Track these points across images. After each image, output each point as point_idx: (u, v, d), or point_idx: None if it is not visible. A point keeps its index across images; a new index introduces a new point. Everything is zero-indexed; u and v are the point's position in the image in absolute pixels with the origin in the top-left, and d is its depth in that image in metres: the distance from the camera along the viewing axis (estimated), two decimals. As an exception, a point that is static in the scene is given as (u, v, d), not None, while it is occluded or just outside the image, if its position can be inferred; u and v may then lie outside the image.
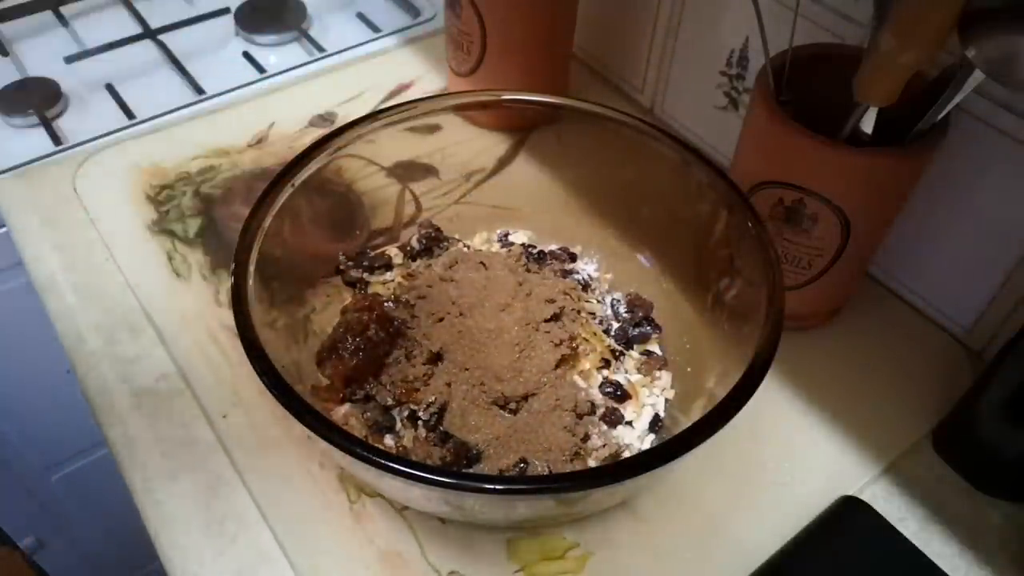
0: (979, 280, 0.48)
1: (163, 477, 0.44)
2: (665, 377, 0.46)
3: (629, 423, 0.44)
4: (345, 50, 0.72)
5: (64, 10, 0.75)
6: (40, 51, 0.72)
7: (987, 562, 0.42)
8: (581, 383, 0.45)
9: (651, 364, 0.46)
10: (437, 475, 0.31)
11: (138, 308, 0.52)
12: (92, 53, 0.70)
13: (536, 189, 0.54)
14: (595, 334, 0.47)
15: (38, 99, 0.66)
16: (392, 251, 0.51)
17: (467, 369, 0.42)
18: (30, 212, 0.57)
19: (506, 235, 0.54)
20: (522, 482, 0.34)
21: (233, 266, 0.38)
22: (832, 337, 0.51)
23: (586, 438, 0.42)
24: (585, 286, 0.50)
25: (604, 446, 0.42)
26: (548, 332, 0.44)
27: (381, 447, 0.42)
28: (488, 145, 0.54)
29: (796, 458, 0.46)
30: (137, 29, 0.74)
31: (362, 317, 0.44)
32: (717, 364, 0.41)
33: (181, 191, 0.59)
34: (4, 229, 0.59)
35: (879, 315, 0.53)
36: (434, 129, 0.49)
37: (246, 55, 0.72)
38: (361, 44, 0.73)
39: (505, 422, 0.41)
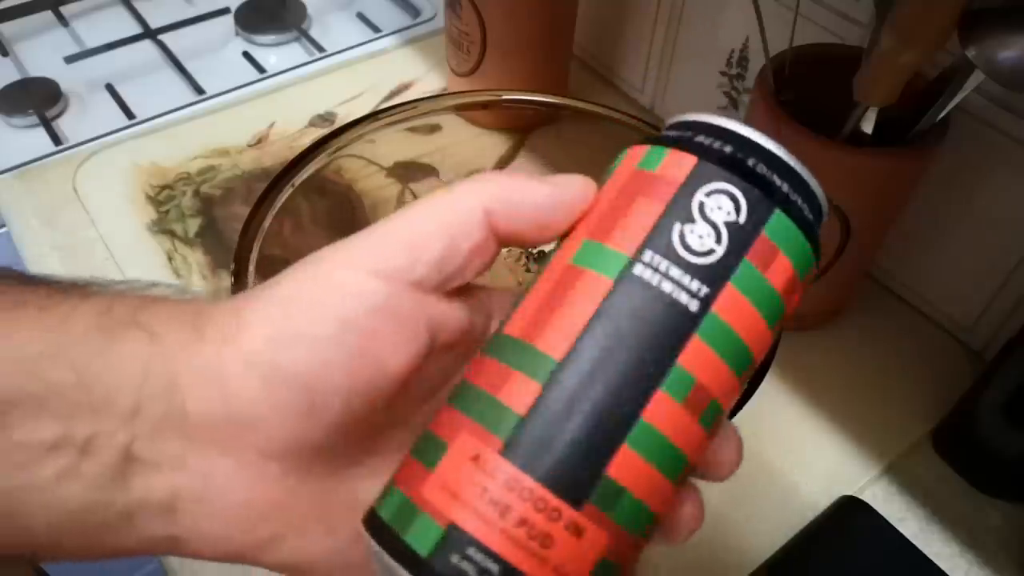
0: (979, 280, 0.48)
1: (163, 477, 0.44)
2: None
3: (629, 423, 0.44)
4: (345, 50, 0.72)
5: (64, 10, 0.75)
6: (40, 51, 0.72)
7: (987, 562, 0.42)
8: (581, 383, 0.45)
9: (651, 364, 0.46)
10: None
11: (138, 308, 0.52)
12: (92, 53, 0.70)
13: (536, 189, 0.54)
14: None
15: (38, 99, 0.66)
16: (392, 251, 0.51)
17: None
18: (30, 212, 0.57)
19: (506, 235, 0.53)
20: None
21: (233, 266, 0.38)
22: (832, 337, 0.51)
23: (586, 438, 0.42)
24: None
25: (604, 446, 0.42)
26: (548, 332, 0.44)
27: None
28: (488, 145, 0.54)
29: (796, 458, 0.46)
30: (137, 29, 0.74)
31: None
32: (717, 364, 0.41)
33: (181, 191, 0.59)
34: (4, 229, 0.59)
35: (879, 315, 0.53)
36: (434, 129, 0.49)
37: (246, 55, 0.72)
38: (361, 44, 0.73)
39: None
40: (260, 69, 0.70)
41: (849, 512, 0.42)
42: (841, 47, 0.47)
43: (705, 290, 0.18)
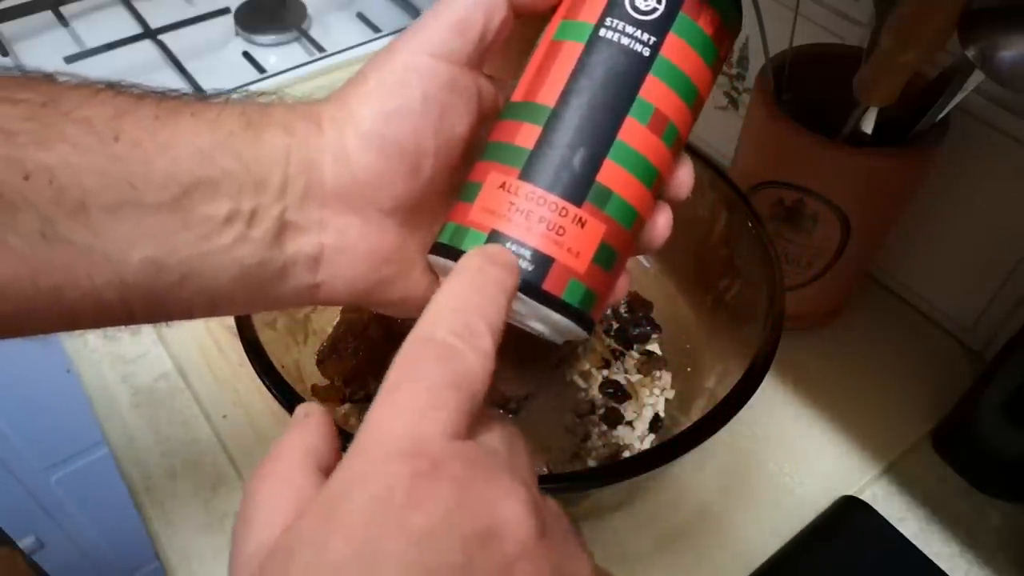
0: (979, 280, 0.48)
1: (163, 477, 0.44)
2: (665, 377, 0.46)
3: (629, 423, 0.44)
4: (345, 50, 0.72)
5: (64, 10, 0.75)
6: (40, 51, 0.72)
7: (987, 562, 0.42)
8: (581, 383, 0.45)
9: (651, 364, 0.46)
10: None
11: (138, 308, 0.52)
12: (92, 53, 0.71)
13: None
14: (595, 334, 0.47)
15: (38, 99, 0.65)
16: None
17: (467, 369, 0.42)
18: (30, 212, 0.57)
19: (506, 235, 0.53)
20: (522, 482, 0.34)
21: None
22: (832, 337, 0.51)
23: (586, 438, 0.42)
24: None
25: (604, 446, 0.42)
26: (548, 332, 0.44)
27: (381, 447, 0.42)
28: (488, 145, 0.54)
29: (796, 458, 0.46)
30: (137, 29, 0.74)
31: (362, 317, 0.44)
32: (717, 364, 0.41)
33: (181, 191, 0.59)
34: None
35: (879, 315, 0.53)
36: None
37: (246, 55, 0.72)
38: (361, 44, 0.73)
39: (505, 422, 0.41)
40: (260, 69, 0.70)
41: (849, 512, 0.42)
42: (841, 47, 0.47)
43: (653, 39, 0.25)
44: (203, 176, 0.22)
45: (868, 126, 0.41)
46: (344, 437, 0.31)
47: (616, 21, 0.25)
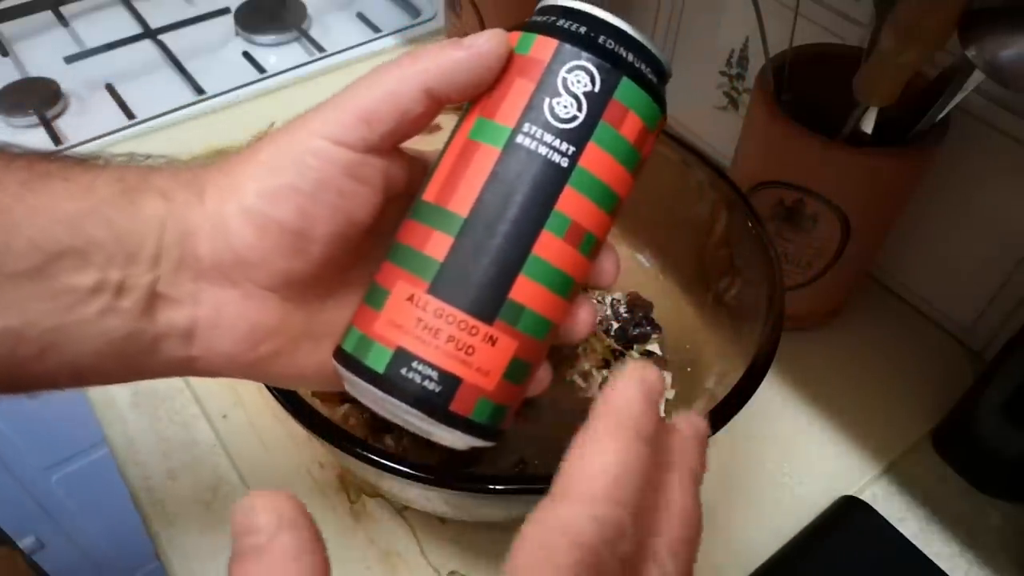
0: (979, 280, 0.48)
1: (163, 477, 0.44)
2: (665, 377, 0.46)
3: (629, 423, 0.44)
4: (345, 50, 0.72)
5: (64, 10, 0.75)
6: (40, 51, 0.72)
7: (987, 562, 0.42)
8: (581, 383, 0.45)
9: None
10: (437, 475, 0.31)
11: (138, 308, 0.52)
12: (92, 53, 0.70)
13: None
14: (595, 334, 0.47)
15: (38, 99, 0.66)
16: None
17: (467, 369, 0.42)
18: (30, 212, 0.57)
19: (506, 235, 0.53)
20: (522, 482, 0.34)
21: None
22: (832, 337, 0.51)
23: (586, 438, 0.42)
24: (584, 286, 0.50)
25: (604, 446, 0.42)
26: (548, 332, 0.44)
27: (381, 447, 0.42)
28: (488, 145, 0.54)
29: (796, 458, 0.46)
30: (137, 29, 0.74)
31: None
32: (717, 364, 0.41)
33: (181, 191, 0.59)
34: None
35: (879, 315, 0.53)
36: (434, 130, 0.49)
37: (246, 55, 0.72)
38: (361, 44, 0.73)
39: (505, 422, 0.41)
40: (260, 69, 0.70)
41: (849, 512, 0.42)
42: (841, 47, 0.47)
43: (572, 149, 0.24)
44: (69, 245, 0.21)
45: (868, 126, 0.41)
46: (342, 436, 0.31)
47: (534, 128, 0.23)
